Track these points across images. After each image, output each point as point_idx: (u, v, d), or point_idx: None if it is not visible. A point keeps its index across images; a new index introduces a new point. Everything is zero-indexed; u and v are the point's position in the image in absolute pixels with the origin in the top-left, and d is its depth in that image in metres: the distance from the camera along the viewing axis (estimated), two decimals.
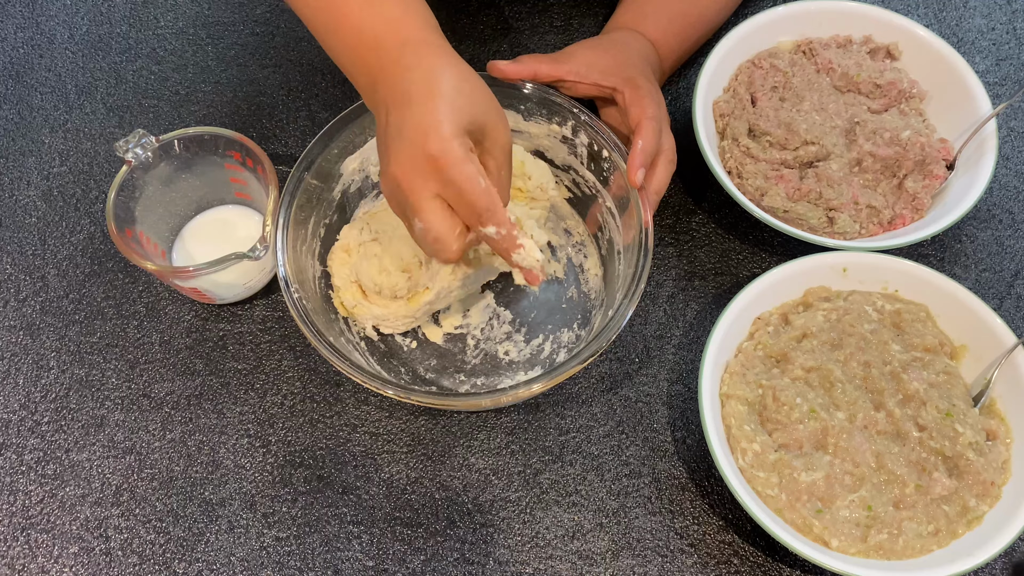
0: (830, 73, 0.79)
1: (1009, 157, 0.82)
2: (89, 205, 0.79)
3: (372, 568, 0.65)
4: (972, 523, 0.62)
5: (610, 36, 0.77)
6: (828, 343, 0.68)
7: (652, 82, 0.72)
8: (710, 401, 0.64)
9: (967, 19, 0.90)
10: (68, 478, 0.68)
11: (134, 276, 0.76)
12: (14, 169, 0.81)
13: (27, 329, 0.74)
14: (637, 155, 0.66)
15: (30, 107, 0.84)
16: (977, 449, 0.63)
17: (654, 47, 0.76)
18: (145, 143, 0.69)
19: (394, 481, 0.68)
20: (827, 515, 0.61)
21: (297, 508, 0.67)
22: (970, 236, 0.78)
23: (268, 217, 0.66)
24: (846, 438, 0.63)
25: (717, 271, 0.76)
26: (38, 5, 0.90)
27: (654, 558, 0.65)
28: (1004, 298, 0.76)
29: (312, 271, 0.69)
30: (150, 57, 0.87)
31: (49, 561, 0.65)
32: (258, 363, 0.72)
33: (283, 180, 0.68)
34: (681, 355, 0.73)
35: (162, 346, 0.73)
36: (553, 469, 0.68)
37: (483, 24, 0.89)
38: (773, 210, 0.74)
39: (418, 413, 0.70)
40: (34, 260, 0.77)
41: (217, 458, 0.69)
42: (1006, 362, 0.66)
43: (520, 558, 0.65)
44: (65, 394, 0.71)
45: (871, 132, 0.75)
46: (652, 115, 0.68)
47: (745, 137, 0.76)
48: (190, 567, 0.65)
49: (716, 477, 0.68)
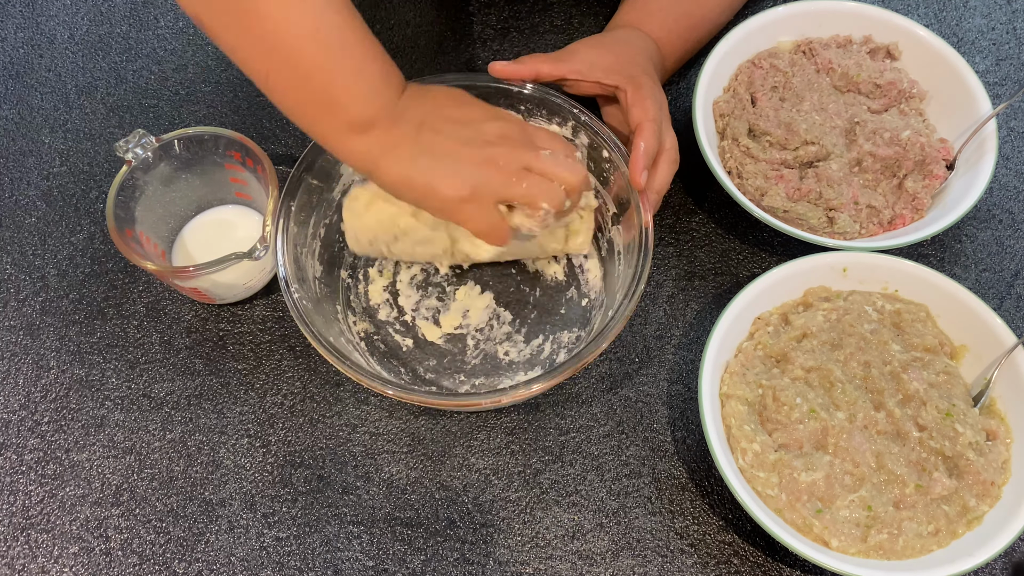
0: (830, 73, 0.79)
1: (1009, 157, 0.82)
2: (89, 205, 0.79)
3: (372, 568, 0.65)
4: (972, 523, 0.62)
5: (613, 34, 0.76)
6: (828, 343, 0.68)
7: (654, 80, 0.72)
8: (710, 401, 0.64)
9: (967, 19, 0.90)
10: (68, 478, 0.68)
11: (134, 276, 0.76)
12: (14, 169, 0.81)
13: (27, 329, 0.74)
14: (639, 157, 0.66)
15: (30, 107, 0.84)
16: (977, 449, 0.63)
17: (657, 45, 0.76)
18: (145, 143, 0.69)
19: (394, 481, 0.68)
20: (827, 515, 0.61)
21: (297, 508, 0.67)
22: (970, 236, 0.78)
23: (268, 217, 0.66)
24: (846, 438, 0.63)
25: (717, 271, 0.76)
26: (38, 5, 0.90)
27: (654, 558, 0.65)
28: (1004, 298, 0.76)
29: (312, 271, 0.69)
30: (150, 57, 0.87)
31: (49, 561, 0.65)
32: (258, 363, 0.72)
33: (283, 180, 0.68)
34: (681, 355, 0.73)
35: (162, 346, 0.73)
36: (553, 469, 0.68)
37: (483, 24, 0.89)
38: (773, 210, 0.74)
39: (418, 413, 0.70)
40: (34, 260, 0.77)
41: (217, 458, 0.69)
42: (1006, 362, 0.66)
43: (520, 558, 0.65)
44: (65, 394, 0.71)
45: (871, 132, 0.75)
46: (653, 116, 0.68)
47: (745, 137, 0.76)
48: (190, 567, 0.65)
49: (716, 477, 0.68)
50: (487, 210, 0.60)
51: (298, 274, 0.66)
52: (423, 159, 0.59)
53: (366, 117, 0.59)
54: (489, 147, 0.60)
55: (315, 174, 0.69)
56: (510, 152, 0.60)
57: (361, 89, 0.59)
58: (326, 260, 0.71)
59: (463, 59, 0.87)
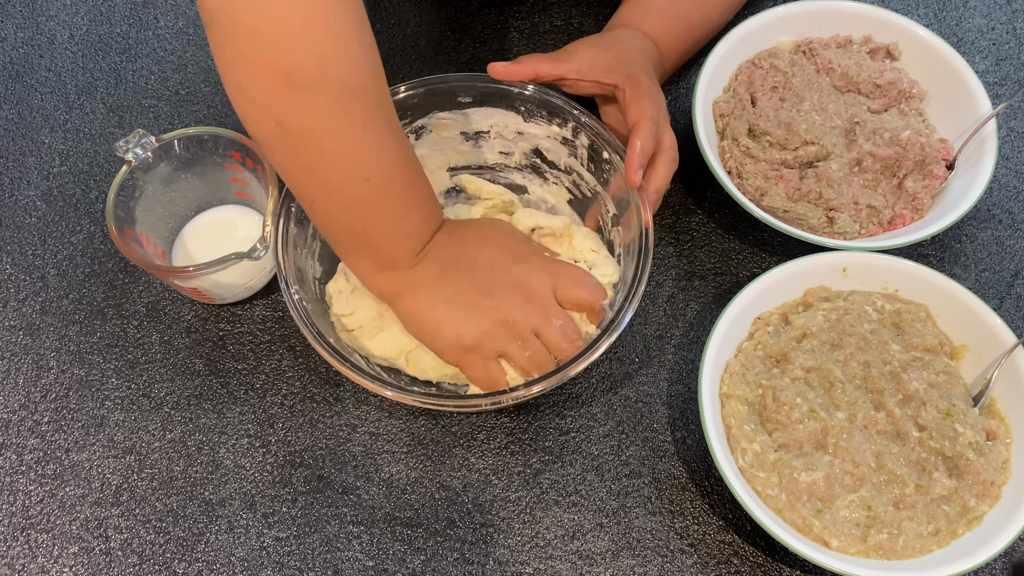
0: (830, 73, 0.79)
1: (1009, 157, 0.82)
2: (89, 205, 0.79)
3: (372, 568, 0.65)
4: (972, 523, 0.62)
5: (612, 33, 0.76)
6: (828, 343, 0.68)
7: (653, 80, 0.72)
8: (710, 401, 0.64)
9: (967, 19, 0.90)
10: (68, 478, 0.68)
11: (134, 276, 0.76)
12: (14, 169, 0.81)
13: (27, 329, 0.74)
14: (636, 156, 0.66)
15: (30, 107, 0.84)
16: (977, 449, 0.63)
17: (656, 45, 0.76)
18: (145, 143, 0.69)
19: (394, 481, 0.68)
20: (827, 515, 0.61)
21: (297, 508, 0.67)
22: (970, 236, 0.78)
23: (268, 217, 0.66)
24: (846, 438, 0.63)
25: (717, 271, 0.76)
26: (38, 5, 0.90)
27: (654, 558, 0.65)
28: (1004, 298, 0.76)
29: (312, 272, 0.69)
30: (150, 57, 0.87)
31: (49, 561, 0.65)
32: (258, 363, 0.72)
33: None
34: (681, 355, 0.73)
35: (162, 346, 0.73)
36: (553, 469, 0.68)
37: (483, 24, 0.89)
38: (773, 210, 0.74)
39: (418, 413, 0.70)
40: (34, 260, 0.77)
41: (217, 458, 0.69)
42: (1006, 362, 0.66)
43: (520, 558, 0.65)
44: (65, 394, 0.71)
45: (871, 132, 0.75)
46: (650, 115, 0.68)
47: (745, 137, 0.76)
48: (190, 567, 0.65)
49: (716, 477, 0.68)
50: (488, 362, 0.64)
51: (298, 275, 0.66)
52: (439, 302, 0.63)
53: (394, 259, 0.63)
54: (506, 300, 0.63)
55: None
56: (524, 312, 0.63)
57: (397, 234, 0.62)
58: (326, 261, 0.71)
59: (463, 59, 0.87)
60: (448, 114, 0.73)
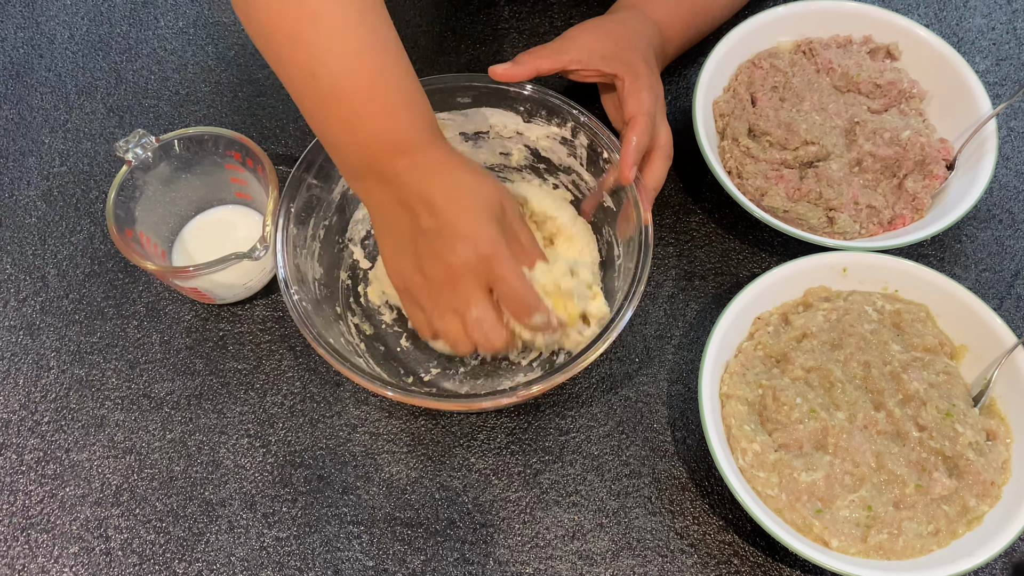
0: (830, 73, 0.79)
1: (1009, 157, 0.82)
2: (89, 205, 0.79)
3: (372, 568, 0.65)
4: (972, 523, 0.62)
5: (614, 16, 0.76)
6: (828, 343, 0.68)
7: (652, 68, 0.72)
8: (710, 401, 0.64)
9: (967, 19, 0.90)
10: (68, 478, 0.68)
11: (134, 276, 0.76)
12: (14, 169, 0.81)
13: (27, 329, 0.74)
14: (630, 152, 0.66)
15: (30, 107, 0.84)
16: (977, 449, 0.63)
17: (659, 28, 0.76)
18: (145, 143, 0.69)
19: (394, 481, 0.68)
20: (827, 515, 0.61)
21: (297, 508, 0.67)
22: (970, 236, 0.78)
23: (268, 217, 0.66)
24: (846, 438, 0.63)
25: (717, 271, 0.76)
26: (38, 5, 0.90)
27: (654, 558, 0.65)
28: (1004, 298, 0.76)
29: (312, 272, 0.69)
30: (150, 57, 0.87)
31: (49, 561, 0.65)
32: (258, 363, 0.72)
33: (283, 180, 0.68)
34: (681, 355, 0.73)
35: (162, 346, 0.73)
36: (553, 469, 0.68)
37: (483, 24, 0.89)
38: (773, 210, 0.74)
39: (418, 413, 0.70)
40: (34, 260, 0.77)
41: (217, 458, 0.69)
42: (1006, 362, 0.66)
43: (520, 558, 0.65)
44: (65, 394, 0.71)
45: (871, 132, 0.75)
46: (647, 109, 0.68)
47: (745, 137, 0.76)
48: (190, 567, 0.65)
49: (716, 477, 0.68)
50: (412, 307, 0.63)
51: (298, 276, 0.66)
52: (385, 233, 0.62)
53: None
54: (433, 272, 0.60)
55: (315, 174, 0.69)
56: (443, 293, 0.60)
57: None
58: (326, 261, 0.71)
59: (463, 59, 0.87)
60: (447, 114, 0.73)
